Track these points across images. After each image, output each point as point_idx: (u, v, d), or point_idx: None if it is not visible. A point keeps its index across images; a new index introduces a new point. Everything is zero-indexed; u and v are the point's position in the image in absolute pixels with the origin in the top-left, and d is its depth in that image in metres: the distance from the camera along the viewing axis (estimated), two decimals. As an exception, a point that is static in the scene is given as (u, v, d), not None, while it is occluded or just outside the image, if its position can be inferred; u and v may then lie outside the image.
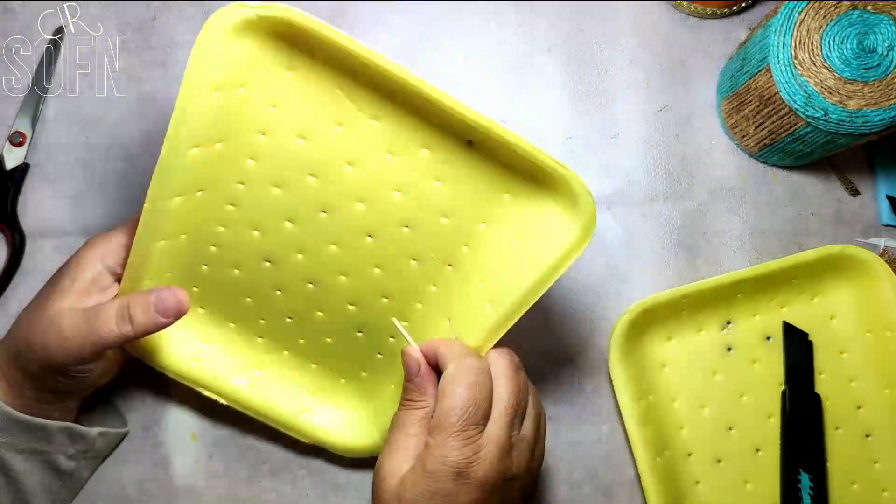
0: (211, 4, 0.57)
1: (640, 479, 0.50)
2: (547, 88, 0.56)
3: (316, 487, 0.53)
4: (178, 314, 0.42)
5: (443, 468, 0.37)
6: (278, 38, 0.38)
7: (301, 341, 0.49)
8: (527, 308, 0.42)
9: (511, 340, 0.54)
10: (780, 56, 0.47)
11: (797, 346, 0.53)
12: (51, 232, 0.55)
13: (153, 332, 0.42)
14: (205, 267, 0.46)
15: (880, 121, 0.46)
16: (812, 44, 0.46)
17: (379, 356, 0.49)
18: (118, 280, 0.44)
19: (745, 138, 0.54)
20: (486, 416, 0.38)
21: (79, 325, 0.41)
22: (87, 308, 0.42)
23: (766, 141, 0.52)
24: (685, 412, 0.53)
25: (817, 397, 0.53)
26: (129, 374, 0.51)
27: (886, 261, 0.53)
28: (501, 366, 0.41)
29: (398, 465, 0.39)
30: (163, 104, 0.56)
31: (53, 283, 0.44)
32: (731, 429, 0.53)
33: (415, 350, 0.42)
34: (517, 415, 0.40)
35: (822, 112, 0.46)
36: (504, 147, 0.39)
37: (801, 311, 0.54)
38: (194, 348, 0.49)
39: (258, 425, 0.51)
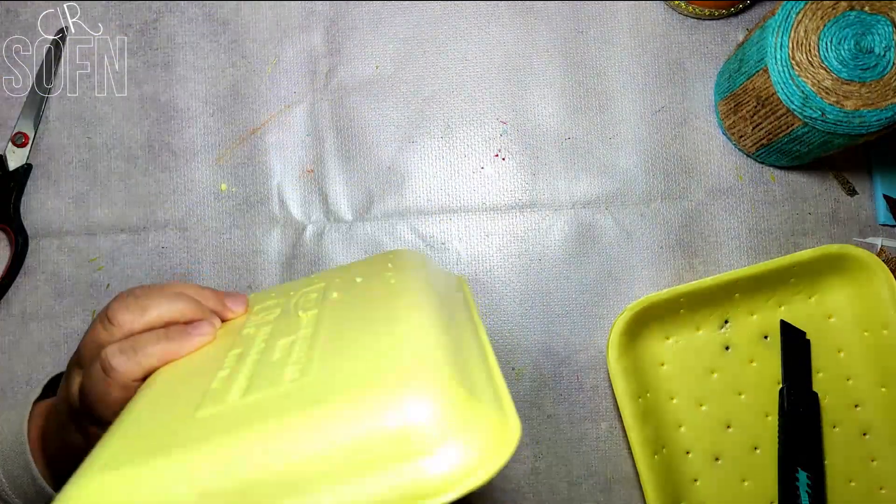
0: (212, 5, 0.58)
1: (638, 476, 0.50)
2: (545, 89, 0.57)
3: None
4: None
5: None
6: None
7: None
8: None
9: (511, 339, 0.55)
10: (778, 57, 0.47)
11: (795, 345, 0.54)
12: (53, 232, 0.55)
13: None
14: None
15: (877, 121, 0.46)
16: (809, 44, 0.47)
17: None
18: None
19: (743, 138, 0.54)
20: None
21: None
22: None
23: (763, 141, 0.53)
24: (683, 410, 0.53)
25: (815, 395, 0.53)
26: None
27: (883, 260, 0.54)
28: None
29: None
30: (164, 105, 0.57)
31: None
32: (729, 427, 0.53)
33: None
34: None
35: (820, 112, 0.46)
36: None
37: (799, 310, 0.55)
38: None
39: None
